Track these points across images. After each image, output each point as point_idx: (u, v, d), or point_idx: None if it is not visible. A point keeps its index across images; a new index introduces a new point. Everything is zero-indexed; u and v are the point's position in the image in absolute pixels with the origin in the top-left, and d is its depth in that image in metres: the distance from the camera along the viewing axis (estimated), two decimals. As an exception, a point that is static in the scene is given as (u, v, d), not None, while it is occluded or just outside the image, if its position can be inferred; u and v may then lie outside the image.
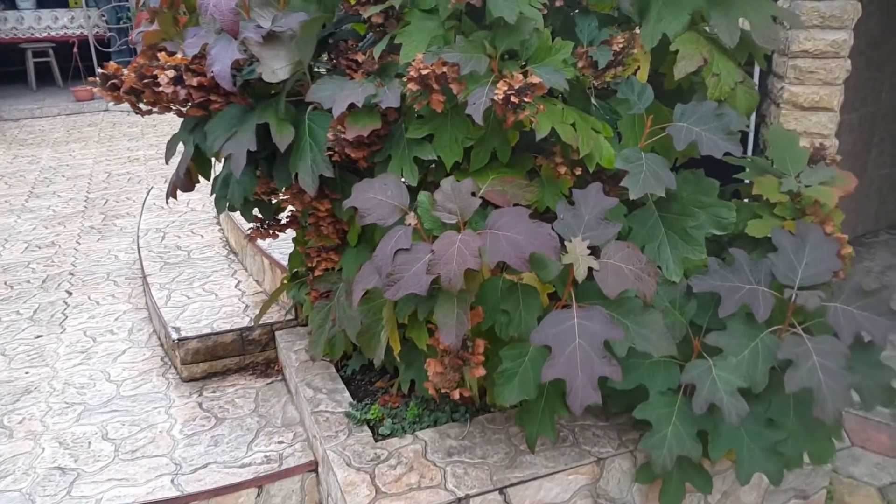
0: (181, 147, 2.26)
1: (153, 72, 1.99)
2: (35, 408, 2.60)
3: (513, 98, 1.56)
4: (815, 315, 1.87)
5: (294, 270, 2.50)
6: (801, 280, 1.87)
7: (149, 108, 2.14)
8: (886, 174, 3.59)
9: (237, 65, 1.93)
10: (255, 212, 2.30)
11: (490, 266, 1.60)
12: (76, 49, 9.53)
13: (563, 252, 1.69)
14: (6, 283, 3.74)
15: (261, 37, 1.81)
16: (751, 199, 2.21)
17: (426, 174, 2.01)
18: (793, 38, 2.78)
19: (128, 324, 3.22)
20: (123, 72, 2.06)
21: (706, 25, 2.13)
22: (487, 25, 1.84)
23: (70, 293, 3.59)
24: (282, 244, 2.95)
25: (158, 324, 3.02)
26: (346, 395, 2.32)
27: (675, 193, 2.00)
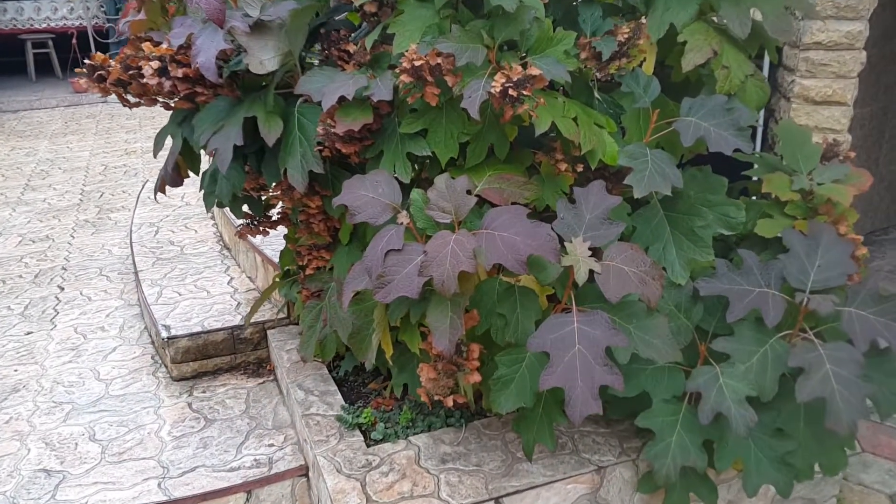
0: (170, 141, 2.19)
1: (138, 63, 1.91)
2: (22, 407, 2.54)
3: (511, 91, 1.48)
4: (829, 320, 1.79)
5: (286, 269, 2.42)
6: (814, 283, 1.79)
7: (137, 101, 2.07)
8: (898, 170, 3.50)
9: (224, 55, 1.85)
10: (245, 208, 2.23)
11: (486, 268, 1.52)
12: (75, 40, 9.44)
13: (563, 253, 1.60)
14: (-2, 278, 3.68)
15: (248, 26, 1.73)
16: (760, 198, 2.12)
17: (420, 171, 1.93)
18: (805, 30, 2.68)
19: (119, 320, 3.15)
20: (111, 63, 1.98)
21: (715, 15, 2.04)
22: (485, 14, 1.75)
23: (62, 288, 3.52)
24: (274, 240, 2.87)
25: (149, 321, 2.95)
26: (339, 398, 2.25)
27: (682, 191, 1.91)
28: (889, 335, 1.70)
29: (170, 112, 2.15)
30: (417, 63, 1.51)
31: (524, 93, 1.49)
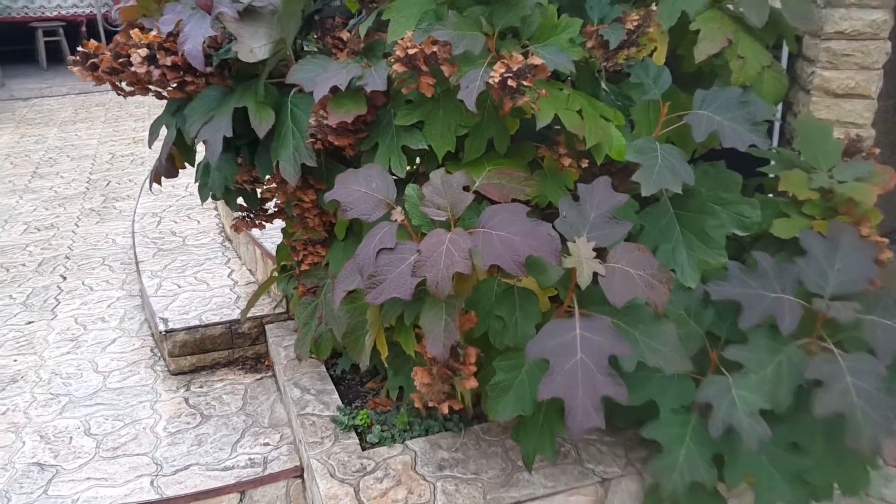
0: (165, 131, 2.12)
1: (128, 51, 1.84)
2: (20, 398, 2.50)
3: (510, 81, 1.39)
4: (849, 328, 1.69)
5: (282, 263, 2.36)
6: (833, 288, 1.69)
7: (132, 90, 2.00)
8: (924, 166, 3.35)
9: (214, 43, 1.77)
10: (241, 200, 2.16)
11: (482, 269, 1.44)
12: (84, 28, 9.42)
13: (565, 254, 1.52)
14: (2, 266, 3.65)
15: (237, 12, 1.65)
16: (776, 195, 2.02)
17: (419, 165, 1.85)
18: (826, 18, 2.55)
19: (120, 311, 3.11)
20: (104, 51, 1.91)
21: (731, 3, 1.93)
22: (485, 0, 1.66)
23: (64, 278, 3.49)
24: (274, 233, 2.81)
25: (149, 313, 2.91)
26: (335, 398, 2.18)
27: (693, 189, 1.81)
28: (913, 345, 1.59)
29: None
30: (411, 51, 1.42)
31: (524, 83, 1.40)
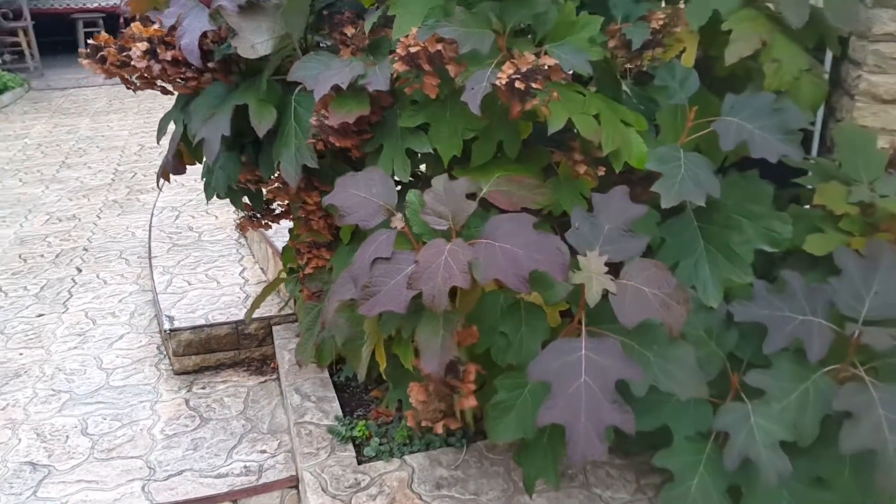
0: (173, 127, 2.07)
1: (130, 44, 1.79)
2: (21, 393, 2.49)
3: (518, 83, 1.29)
4: (885, 356, 1.55)
5: (289, 266, 2.29)
6: (869, 312, 1.55)
7: (141, 84, 1.95)
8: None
9: (217, 37, 1.70)
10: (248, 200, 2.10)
11: (482, 283, 1.34)
12: (123, 20, 9.54)
13: (575, 269, 1.41)
14: (20, 257, 3.67)
15: (237, 6, 1.58)
16: (814, 207, 1.87)
17: (429, 169, 1.76)
18: (875, 19, 2.38)
19: (131, 306, 3.09)
20: (112, 44, 1.87)
21: (768, 1, 1.79)
22: (499, -5, 1.56)
23: (80, 270, 3.48)
24: (287, 231, 2.74)
25: (158, 310, 2.87)
26: (336, 406, 2.11)
27: (719, 201, 1.69)
28: (957, 380, 1.45)
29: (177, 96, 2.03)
30: (413, 49, 1.33)
31: (534, 85, 1.30)
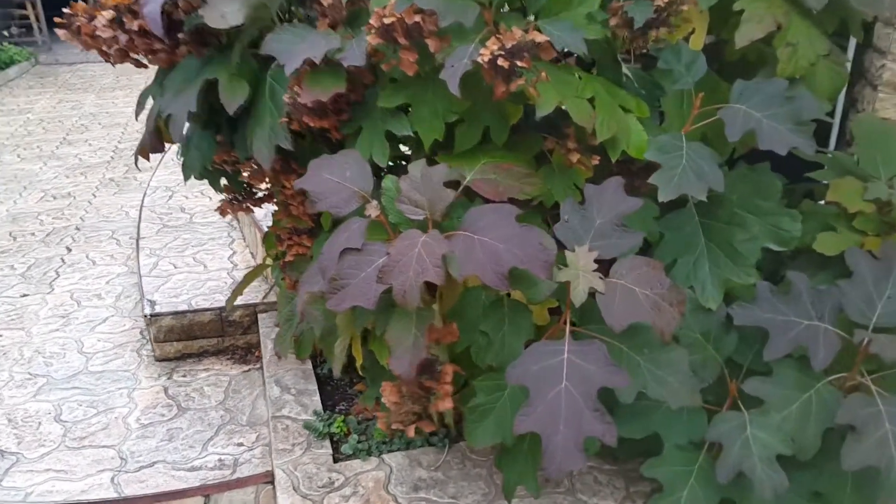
0: (151, 102, 1.97)
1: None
2: (-2, 376, 2.42)
3: (501, 61, 1.17)
4: (895, 367, 1.43)
5: (273, 252, 2.19)
6: (880, 318, 1.44)
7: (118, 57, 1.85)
8: None
9: (188, 6, 1.59)
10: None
11: (458, 279, 1.24)
12: (132, -6, 9.42)
13: (561, 265, 1.30)
14: (10, 235, 3.60)
15: (208, -30, 1.47)
16: (829, 204, 1.75)
17: (414, 155, 1.65)
18: (900, 5, 2.23)
19: (118, 288, 3.01)
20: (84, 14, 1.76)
21: (785, -20, 1.66)
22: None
23: (69, 250, 3.41)
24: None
25: (140, 293, 2.79)
26: (316, 399, 2.02)
27: (724, 196, 1.57)
28: (975, 397, 1.34)
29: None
30: (388, 21, 1.22)
31: (519, 64, 1.19)
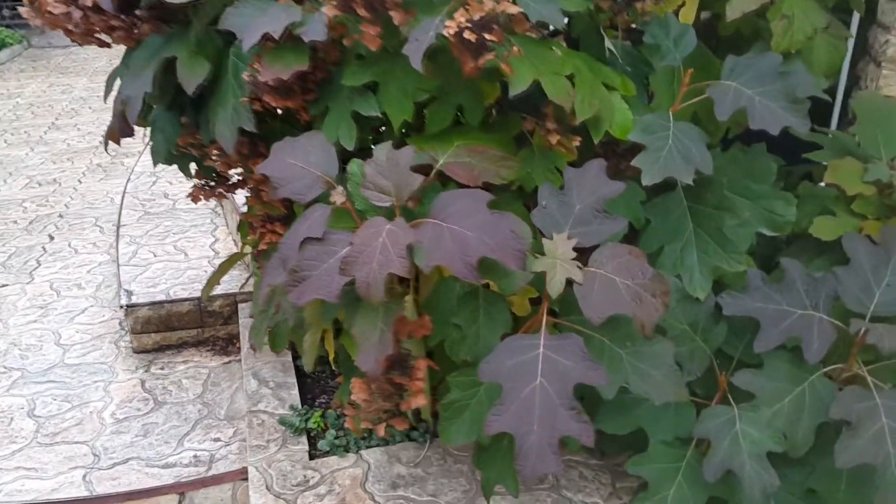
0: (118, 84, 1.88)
1: (55, -12, 1.59)
2: (-28, 370, 2.36)
3: (467, 34, 1.08)
4: (893, 357, 1.36)
5: (248, 240, 2.11)
6: (878, 307, 1.37)
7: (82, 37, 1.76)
8: None
9: (145, -20, 1.50)
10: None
11: (424, 270, 1.16)
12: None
13: (536, 254, 1.22)
14: (-8, 223, 3.54)
15: (161, -59, 1.38)
16: (828, 186, 1.66)
17: (388, 137, 1.56)
18: (904, -24, 2.12)
19: (99, 278, 2.94)
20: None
21: (781, -53, 1.56)
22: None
23: (52, 238, 3.34)
24: (255, 202, 2.56)
25: (118, 282, 2.72)
26: (294, 393, 1.96)
27: (714, 178, 1.48)
28: (977, 391, 1.26)
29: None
30: (347, -9, 1.13)
31: (488, 37, 1.10)
